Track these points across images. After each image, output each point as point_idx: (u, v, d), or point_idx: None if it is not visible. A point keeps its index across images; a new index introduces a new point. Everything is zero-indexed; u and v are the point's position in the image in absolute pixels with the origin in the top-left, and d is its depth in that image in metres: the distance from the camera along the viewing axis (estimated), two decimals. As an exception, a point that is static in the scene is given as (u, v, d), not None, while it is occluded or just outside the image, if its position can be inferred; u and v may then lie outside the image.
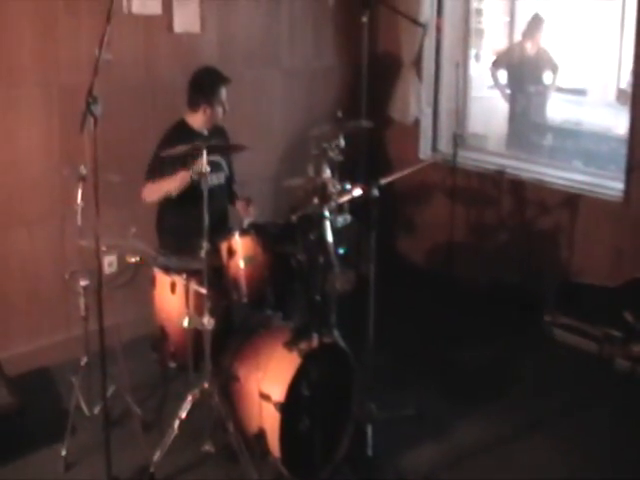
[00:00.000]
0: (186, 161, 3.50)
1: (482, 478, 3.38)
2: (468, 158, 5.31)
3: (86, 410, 3.58)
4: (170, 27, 4.51)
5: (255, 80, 5.02)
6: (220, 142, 3.84)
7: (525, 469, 3.43)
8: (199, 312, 3.23)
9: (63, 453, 3.35)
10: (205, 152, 3.17)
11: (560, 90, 6.59)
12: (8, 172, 4.01)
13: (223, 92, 3.82)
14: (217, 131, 3.92)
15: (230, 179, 4.07)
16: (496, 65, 6.35)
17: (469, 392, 4.04)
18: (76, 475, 3.33)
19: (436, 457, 3.49)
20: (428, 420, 3.72)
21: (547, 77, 6.22)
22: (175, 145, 3.39)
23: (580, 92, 7.46)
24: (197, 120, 3.85)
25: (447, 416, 3.78)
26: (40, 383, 4.06)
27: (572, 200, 4.73)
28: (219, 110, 3.83)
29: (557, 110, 6.64)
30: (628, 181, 4.47)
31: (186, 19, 4.58)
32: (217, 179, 3.89)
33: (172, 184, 3.63)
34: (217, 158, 3.88)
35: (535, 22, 6.12)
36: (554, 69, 6.21)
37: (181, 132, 3.78)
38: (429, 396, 3.95)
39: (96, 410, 3.55)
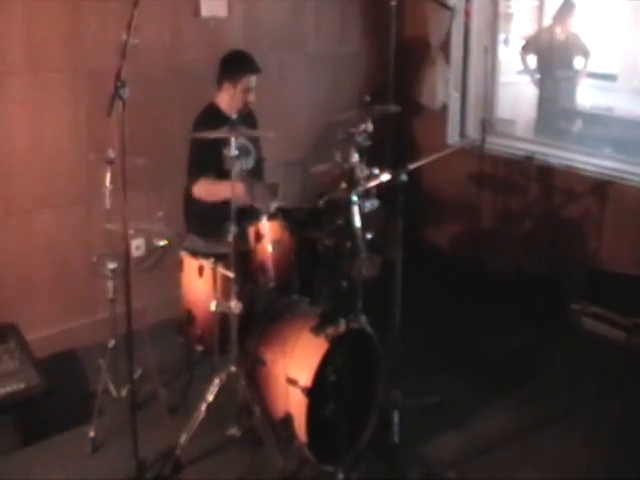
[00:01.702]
0: (220, 147, 3.47)
1: (507, 467, 3.36)
2: (496, 144, 5.26)
3: (113, 392, 3.63)
4: (197, 11, 4.50)
5: (281, 64, 5.01)
6: (248, 126, 3.83)
7: (550, 459, 3.41)
8: (226, 296, 3.24)
9: (90, 434, 3.39)
10: (233, 138, 3.16)
11: (589, 75, 6.51)
12: (36, 156, 4.04)
13: (251, 79, 3.82)
14: (246, 115, 3.91)
15: (259, 161, 4.06)
16: (526, 50, 6.28)
17: (495, 380, 4.02)
18: (103, 456, 3.36)
19: (461, 445, 3.47)
20: (453, 408, 3.70)
21: (577, 62, 6.14)
22: (206, 129, 3.38)
23: (609, 78, 7.37)
24: (223, 100, 3.85)
25: (473, 404, 3.77)
26: (68, 365, 4.10)
27: (601, 187, 4.66)
28: (243, 94, 3.82)
29: (586, 96, 6.56)
30: (659, 168, 4.41)
31: (213, 3, 4.57)
32: (245, 163, 3.89)
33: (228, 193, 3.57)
34: (245, 142, 3.88)
35: (566, 7, 6.04)
36: (585, 54, 6.13)
37: (211, 116, 3.79)
38: (455, 384, 3.93)
39: (123, 392, 3.60)
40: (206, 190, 3.71)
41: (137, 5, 2.82)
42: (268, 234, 3.32)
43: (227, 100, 3.85)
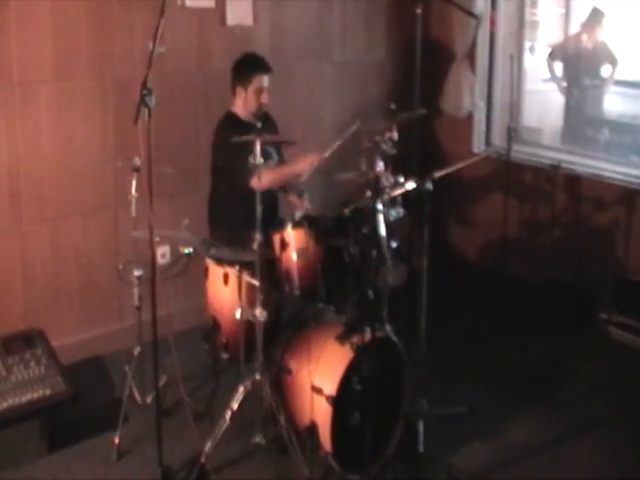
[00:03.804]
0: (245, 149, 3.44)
1: (533, 478, 3.33)
2: (522, 152, 5.23)
3: (139, 399, 3.64)
4: (223, 20, 4.53)
5: (307, 73, 5.03)
6: (267, 129, 3.81)
7: (577, 470, 3.37)
8: (251, 304, 3.24)
9: (116, 441, 3.40)
10: (259, 144, 3.16)
11: (617, 83, 6.45)
12: (63, 163, 4.07)
13: (263, 79, 3.80)
14: (265, 119, 3.91)
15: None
16: (552, 57, 6.24)
17: (522, 390, 3.98)
18: (128, 463, 3.37)
19: (487, 455, 3.44)
20: (480, 417, 3.67)
21: (605, 70, 6.09)
22: (229, 135, 3.37)
23: (637, 85, 7.28)
24: (238, 106, 3.86)
25: (499, 414, 3.73)
26: (94, 372, 4.13)
27: (629, 195, 4.62)
28: (255, 96, 3.80)
29: (614, 103, 6.49)
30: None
31: (239, 12, 4.59)
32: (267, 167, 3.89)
33: (301, 167, 3.58)
34: (267, 147, 3.88)
35: (595, 15, 5.99)
36: (613, 62, 6.07)
37: (230, 123, 3.79)
38: (481, 393, 3.90)
39: (148, 399, 3.61)
40: (272, 177, 3.61)
41: (163, 14, 2.84)
42: (293, 242, 3.31)
43: (241, 105, 3.84)
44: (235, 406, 3.24)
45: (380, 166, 3.36)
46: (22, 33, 3.82)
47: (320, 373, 3.13)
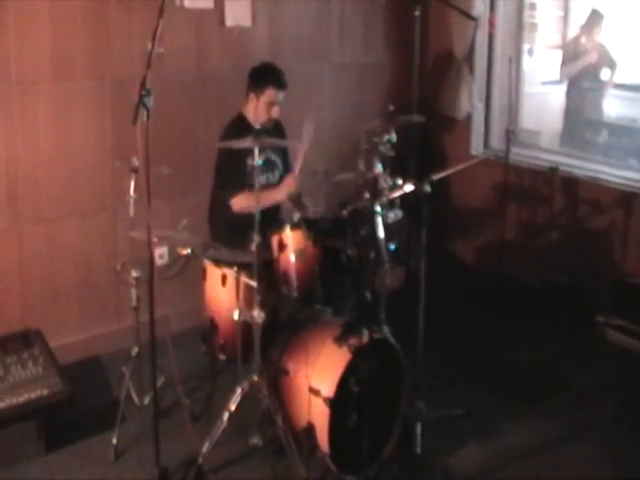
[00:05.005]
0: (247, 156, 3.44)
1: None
2: (520, 155, 5.23)
3: (136, 400, 3.65)
4: (222, 21, 4.53)
5: (305, 74, 5.02)
6: (275, 137, 3.81)
7: (574, 472, 3.37)
8: (249, 305, 3.24)
9: (113, 441, 3.40)
10: (257, 148, 3.16)
11: (615, 86, 6.45)
12: (61, 163, 4.07)
13: (275, 94, 3.80)
14: (274, 127, 3.90)
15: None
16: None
17: (519, 392, 3.99)
18: (125, 463, 3.37)
19: (484, 457, 3.44)
20: (477, 420, 3.68)
21: (604, 73, 6.09)
22: (234, 139, 3.37)
23: (636, 88, 7.29)
24: (249, 111, 3.86)
25: (496, 416, 3.74)
26: (91, 372, 4.13)
27: (627, 199, 4.63)
28: (266, 107, 3.80)
29: (612, 106, 6.50)
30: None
31: (237, 13, 4.59)
32: (272, 177, 3.88)
33: (280, 193, 3.50)
34: (272, 156, 3.88)
35: (594, 17, 6.00)
36: (612, 65, 6.08)
37: (238, 126, 3.78)
38: (478, 395, 3.90)
39: (146, 400, 3.62)
40: (247, 203, 3.61)
41: (162, 14, 2.84)
42: (291, 243, 3.31)
43: (252, 111, 3.85)
44: (232, 407, 3.24)
45: (378, 168, 3.36)
46: (20, 33, 3.82)
47: (318, 375, 3.13)
